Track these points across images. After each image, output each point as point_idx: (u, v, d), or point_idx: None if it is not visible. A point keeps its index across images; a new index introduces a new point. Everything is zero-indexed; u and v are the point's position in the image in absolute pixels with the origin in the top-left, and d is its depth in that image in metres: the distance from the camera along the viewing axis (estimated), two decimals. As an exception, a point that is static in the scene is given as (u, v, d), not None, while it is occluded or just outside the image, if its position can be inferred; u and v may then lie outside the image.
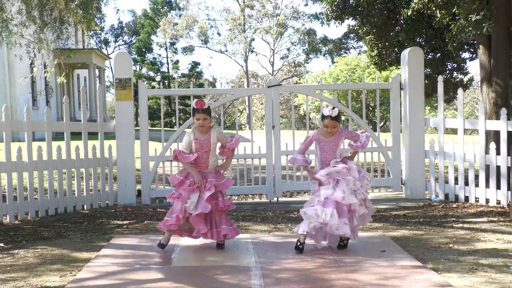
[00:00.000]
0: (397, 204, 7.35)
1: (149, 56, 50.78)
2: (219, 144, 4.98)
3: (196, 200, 4.65)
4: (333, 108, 4.74)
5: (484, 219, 6.19)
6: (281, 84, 8.17)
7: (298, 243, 4.77)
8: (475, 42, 8.84)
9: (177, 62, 51.53)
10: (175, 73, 51.31)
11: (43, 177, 6.73)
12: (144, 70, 49.80)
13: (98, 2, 9.35)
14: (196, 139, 4.78)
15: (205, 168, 4.78)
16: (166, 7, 50.90)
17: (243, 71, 51.12)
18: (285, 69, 50.87)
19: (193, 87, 8.60)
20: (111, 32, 52.09)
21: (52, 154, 6.81)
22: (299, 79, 44.16)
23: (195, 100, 4.81)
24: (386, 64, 11.34)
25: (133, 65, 17.35)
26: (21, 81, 10.83)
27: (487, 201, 7.05)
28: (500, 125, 6.91)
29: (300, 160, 4.93)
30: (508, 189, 6.67)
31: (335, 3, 10.40)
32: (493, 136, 7.50)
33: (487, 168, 7.03)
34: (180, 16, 49.43)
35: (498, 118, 7.26)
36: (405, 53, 7.84)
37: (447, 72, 11.29)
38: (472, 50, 10.97)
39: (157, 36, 49.75)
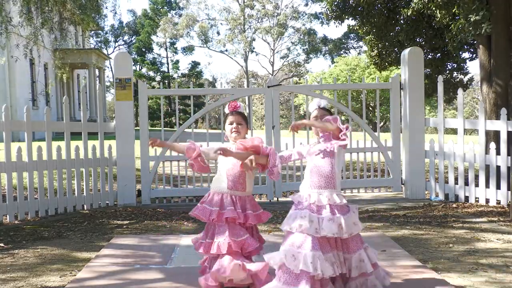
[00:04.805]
0: (397, 204, 7.35)
1: (149, 56, 50.85)
2: None
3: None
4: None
5: (484, 219, 6.19)
6: (281, 84, 8.17)
7: None
8: (475, 42, 8.84)
9: (177, 62, 51.61)
10: (175, 73, 51.34)
11: (43, 177, 6.74)
12: (144, 70, 49.82)
13: (97, 4, 9.34)
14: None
15: (242, 190, 3.67)
16: (166, 7, 50.90)
17: (243, 71, 51.11)
18: (285, 69, 50.86)
19: (193, 87, 8.60)
20: (111, 32, 52.12)
21: (52, 154, 6.80)
22: (299, 79, 44.13)
23: (229, 102, 3.84)
24: (386, 64, 11.34)
25: (133, 65, 17.34)
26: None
27: (487, 201, 7.05)
28: (500, 125, 6.91)
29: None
30: (508, 189, 6.67)
31: (335, 3, 10.40)
32: (493, 136, 7.50)
33: (487, 168, 7.03)
34: (180, 16, 49.43)
35: (498, 118, 7.26)
36: (405, 53, 7.84)
37: (447, 72, 11.30)
38: (472, 50, 10.97)
39: (157, 36, 49.79)
